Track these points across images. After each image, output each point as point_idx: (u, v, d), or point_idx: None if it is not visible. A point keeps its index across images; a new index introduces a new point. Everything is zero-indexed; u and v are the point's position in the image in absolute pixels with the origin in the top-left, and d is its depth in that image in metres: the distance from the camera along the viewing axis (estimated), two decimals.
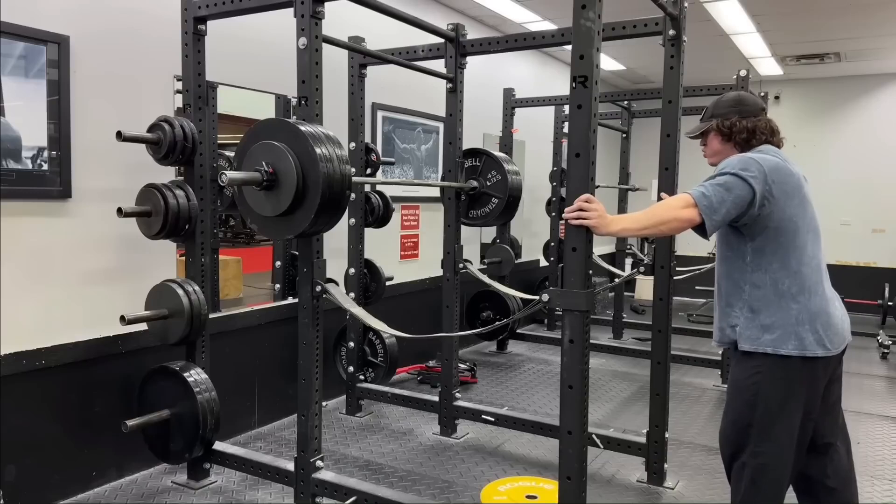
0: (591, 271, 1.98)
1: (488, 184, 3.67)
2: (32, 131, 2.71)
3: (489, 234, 5.91)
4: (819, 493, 2.21)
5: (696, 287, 7.84)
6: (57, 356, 2.80)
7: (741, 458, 2.12)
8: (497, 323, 2.53)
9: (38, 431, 2.79)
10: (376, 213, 4.07)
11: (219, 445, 3.02)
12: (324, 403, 3.77)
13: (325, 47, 2.51)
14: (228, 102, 3.68)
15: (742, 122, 2.28)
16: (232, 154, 3.28)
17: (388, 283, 4.16)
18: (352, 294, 3.93)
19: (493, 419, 3.63)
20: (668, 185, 3.04)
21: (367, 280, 4.08)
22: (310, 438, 2.61)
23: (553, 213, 6.40)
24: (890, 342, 5.94)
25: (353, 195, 3.77)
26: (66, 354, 2.84)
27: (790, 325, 2.06)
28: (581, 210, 1.95)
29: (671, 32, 2.96)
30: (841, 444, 2.22)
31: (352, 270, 3.98)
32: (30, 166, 2.71)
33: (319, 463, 2.65)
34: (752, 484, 2.10)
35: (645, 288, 8.27)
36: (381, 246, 4.61)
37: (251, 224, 4.15)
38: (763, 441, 2.08)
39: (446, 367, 3.73)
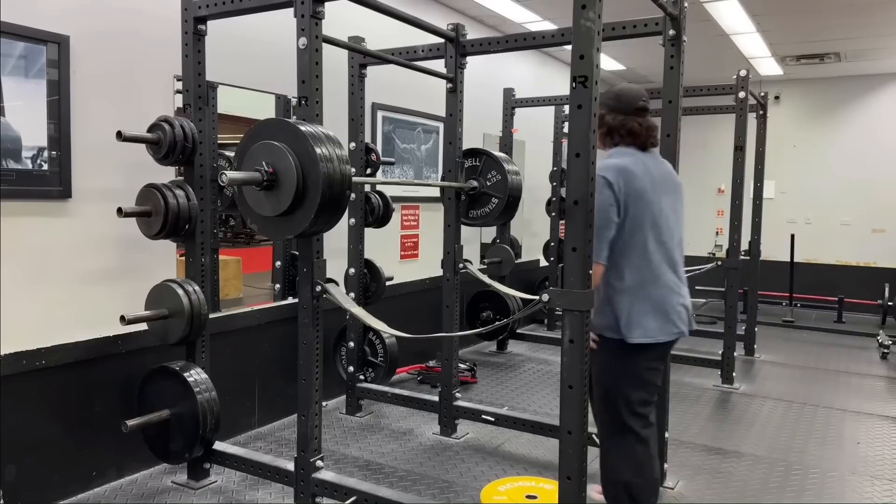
0: (591, 271, 1.98)
1: (488, 184, 3.67)
2: (32, 131, 2.71)
3: (489, 234, 5.91)
4: None
5: (696, 287, 7.85)
6: (57, 356, 2.80)
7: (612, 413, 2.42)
8: (497, 323, 2.53)
9: (38, 431, 2.79)
10: (376, 213, 4.07)
11: (219, 445, 3.02)
12: (324, 403, 3.78)
13: (325, 47, 2.51)
14: (228, 102, 3.68)
15: (606, 118, 2.43)
16: (232, 154, 3.28)
17: (388, 283, 4.16)
18: (352, 294, 3.93)
19: (493, 419, 3.63)
20: None
21: (367, 280, 4.08)
22: (310, 438, 2.61)
23: (553, 213, 6.40)
24: (890, 342, 5.94)
25: (353, 195, 3.77)
26: (66, 354, 2.84)
27: (635, 314, 2.31)
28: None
29: (671, 32, 2.95)
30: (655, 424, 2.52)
31: (352, 270, 3.98)
32: (30, 166, 2.71)
33: (319, 463, 2.65)
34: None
35: None
36: (381, 246, 4.61)
37: (251, 224, 4.15)
38: (620, 408, 2.40)
39: (446, 367, 3.73)
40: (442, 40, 3.51)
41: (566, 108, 5.93)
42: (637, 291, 2.33)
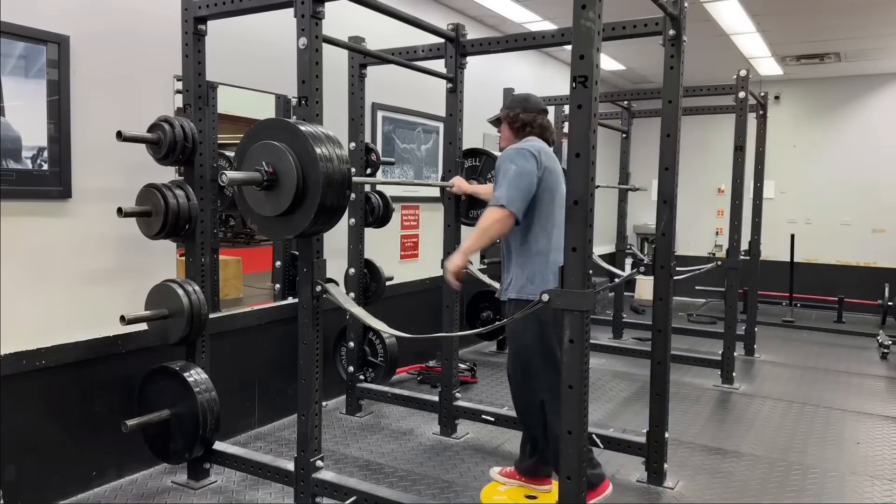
0: (591, 271, 1.98)
1: (488, 183, 3.67)
2: (32, 131, 2.71)
3: None
4: None
5: (696, 287, 7.86)
6: (57, 356, 2.80)
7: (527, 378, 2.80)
8: (497, 323, 2.53)
9: (38, 431, 2.79)
10: (376, 213, 4.07)
11: (219, 445, 3.02)
12: (324, 403, 3.78)
13: (325, 47, 2.51)
14: (228, 102, 3.68)
15: (521, 116, 2.87)
16: (232, 154, 3.28)
17: (388, 283, 4.16)
18: (352, 294, 3.92)
19: (493, 419, 3.63)
20: (668, 184, 3.04)
21: (367, 280, 4.08)
22: (310, 438, 2.61)
23: None
24: (890, 342, 5.94)
25: (353, 195, 3.77)
26: (66, 354, 2.84)
27: (546, 275, 2.66)
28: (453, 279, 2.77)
29: (671, 32, 2.95)
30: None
31: (352, 270, 3.98)
32: (30, 166, 2.71)
33: (319, 463, 2.65)
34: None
35: (645, 288, 8.27)
36: (381, 246, 4.61)
37: (251, 224, 4.15)
38: (538, 365, 2.76)
39: (446, 367, 3.73)
40: (442, 40, 3.51)
41: (566, 108, 5.93)
42: (547, 255, 2.72)
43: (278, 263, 4.15)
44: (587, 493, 2.81)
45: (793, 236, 7.89)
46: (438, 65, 3.57)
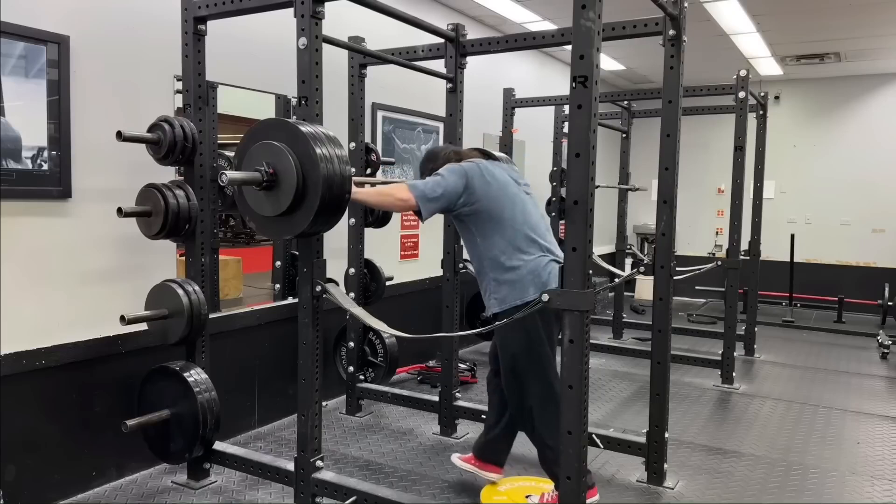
0: (591, 271, 1.98)
1: None
2: (32, 131, 2.71)
3: None
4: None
5: (696, 287, 7.87)
6: (57, 356, 2.80)
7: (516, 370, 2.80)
8: (497, 323, 2.53)
9: (38, 431, 2.79)
10: (376, 213, 4.06)
11: (219, 445, 3.02)
12: (324, 403, 3.77)
13: (325, 47, 2.51)
14: (228, 102, 3.68)
15: (436, 164, 2.92)
16: (232, 154, 3.27)
17: (388, 283, 4.15)
18: (352, 294, 3.92)
19: None
20: (668, 184, 3.04)
21: (367, 280, 4.08)
22: (310, 438, 2.61)
23: (553, 213, 6.39)
24: (890, 342, 5.94)
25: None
26: (66, 354, 2.84)
27: (525, 283, 2.68)
28: None
29: (671, 32, 2.95)
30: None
31: (352, 270, 3.98)
32: (30, 166, 2.71)
33: (319, 463, 2.65)
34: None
35: (645, 288, 8.28)
36: (381, 246, 4.61)
37: (251, 224, 4.15)
38: (525, 372, 2.78)
39: (446, 366, 3.73)
40: (442, 40, 3.51)
41: (566, 108, 5.93)
42: (521, 268, 2.75)
43: (278, 263, 4.15)
44: (481, 462, 3.00)
45: (793, 236, 7.89)
46: (438, 65, 3.57)
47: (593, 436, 3.23)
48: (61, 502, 2.87)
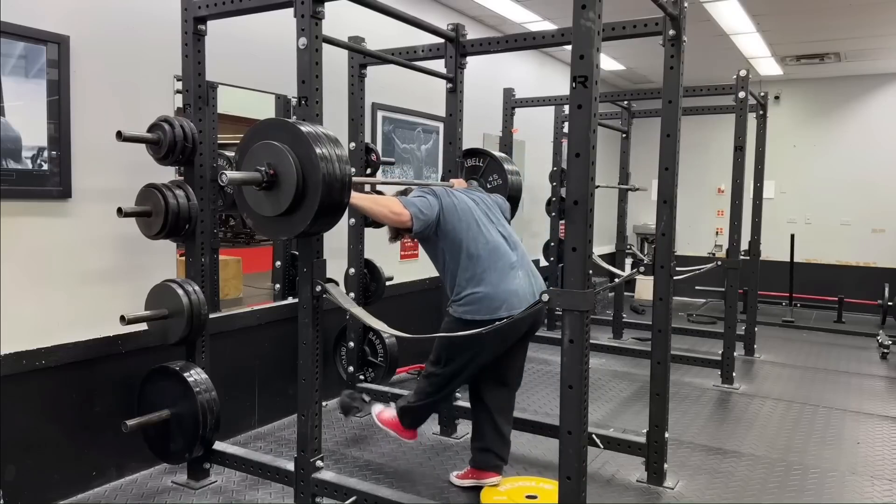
0: (591, 271, 1.98)
1: (489, 185, 3.66)
2: (32, 131, 2.71)
3: None
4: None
5: (696, 287, 7.86)
6: (57, 356, 2.80)
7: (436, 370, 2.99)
8: (497, 323, 2.53)
9: (38, 431, 2.79)
10: None
11: (219, 445, 3.02)
12: (324, 403, 3.77)
13: (325, 47, 2.51)
14: (228, 102, 3.68)
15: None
16: (232, 154, 3.28)
17: (388, 283, 4.15)
18: (352, 294, 3.92)
19: None
20: (668, 184, 3.04)
21: (367, 280, 4.08)
22: (310, 438, 2.61)
23: (553, 213, 6.40)
24: (890, 342, 5.94)
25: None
26: (66, 354, 2.84)
27: (475, 300, 2.79)
28: None
29: (671, 32, 2.95)
30: (513, 384, 3.11)
31: (352, 270, 3.98)
32: (30, 166, 2.71)
33: (319, 463, 2.65)
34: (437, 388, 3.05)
35: (645, 288, 8.27)
36: (381, 246, 4.59)
37: (251, 224, 4.15)
38: (452, 367, 2.94)
39: None
40: (442, 40, 3.51)
41: (566, 108, 5.93)
42: (478, 285, 2.89)
43: (278, 263, 4.15)
44: (477, 471, 3.06)
45: (793, 236, 7.89)
46: (438, 65, 3.57)
47: (593, 436, 3.23)
48: (61, 502, 2.87)
